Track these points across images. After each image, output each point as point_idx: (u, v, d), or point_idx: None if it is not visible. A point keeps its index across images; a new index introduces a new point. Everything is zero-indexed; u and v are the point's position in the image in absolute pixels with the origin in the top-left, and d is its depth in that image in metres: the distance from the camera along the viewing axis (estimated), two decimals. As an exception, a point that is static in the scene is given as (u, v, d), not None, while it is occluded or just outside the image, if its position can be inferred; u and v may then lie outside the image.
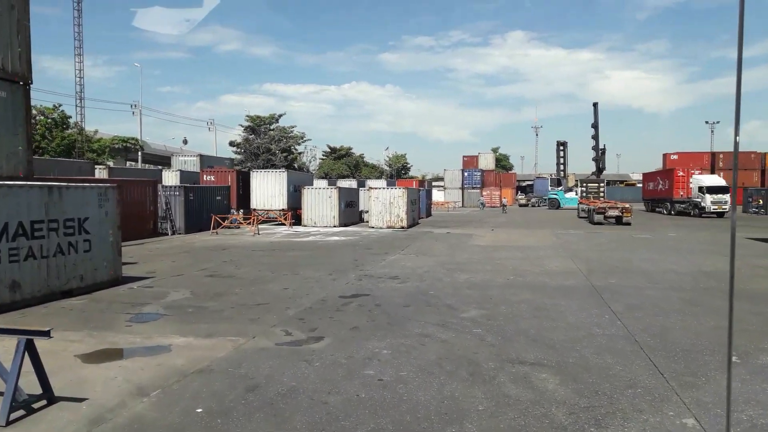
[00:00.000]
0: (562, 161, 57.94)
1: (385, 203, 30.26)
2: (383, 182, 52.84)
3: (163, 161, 59.99)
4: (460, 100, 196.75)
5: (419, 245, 21.00)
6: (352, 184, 47.06)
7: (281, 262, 16.15)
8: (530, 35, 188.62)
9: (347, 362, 6.68)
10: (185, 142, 76.31)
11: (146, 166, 60.70)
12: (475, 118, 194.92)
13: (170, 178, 35.81)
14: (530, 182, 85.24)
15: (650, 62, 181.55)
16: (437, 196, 66.51)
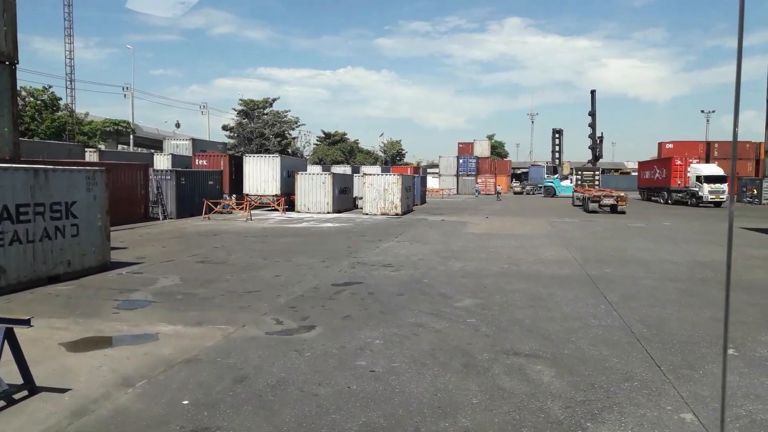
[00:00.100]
0: (557, 149, 57.93)
1: (379, 190, 30.04)
2: (378, 168, 52.49)
3: (155, 145, 59.35)
4: (456, 86, 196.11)
5: (413, 232, 20.85)
6: (346, 170, 46.71)
7: (273, 248, 15.97)
8: (527, 22, 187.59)
9: (339, 352, 6.54)
10: (178, 125, 75.52)
11: (138, 149, 60.12)
12: (470, 104, 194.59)
13: (162, 162, 35.45)
14: (525, 170, 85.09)
15: (647, 50, 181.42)
16: (432, 183, 66.27)
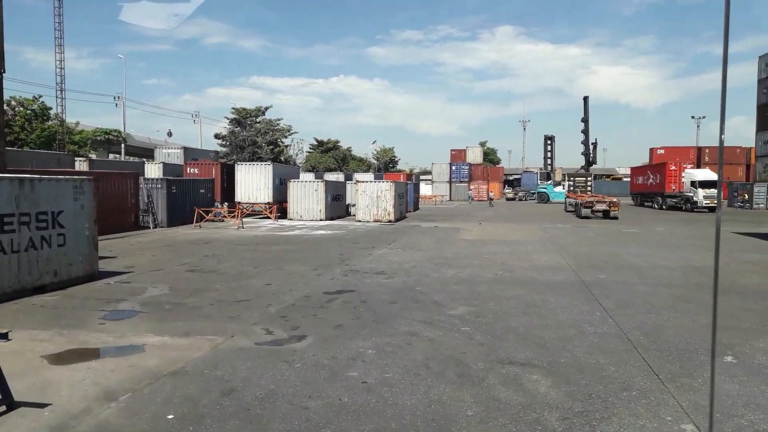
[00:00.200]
0: (549, 155, 58.04)
1: (372, 197, 29.92)
2: (371, 176, 52.50)
3: (146, 154, 58.95)
4: (448, 94, 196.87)
5: (406, 239, 20.71)
6: (339, 177, 46.57)
7: (265, 256, 15.78)
8: (518, 30, 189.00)
9: (330, 363, 6.37)
10: (170, 134, 75.36)
11: (129, 158, 59.73)
12: (463, 112, 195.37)
13: (153, 170, 35.14)
14: (518, 176, 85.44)
15: (637, 58, 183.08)
16: (425, 189, 66.32)
